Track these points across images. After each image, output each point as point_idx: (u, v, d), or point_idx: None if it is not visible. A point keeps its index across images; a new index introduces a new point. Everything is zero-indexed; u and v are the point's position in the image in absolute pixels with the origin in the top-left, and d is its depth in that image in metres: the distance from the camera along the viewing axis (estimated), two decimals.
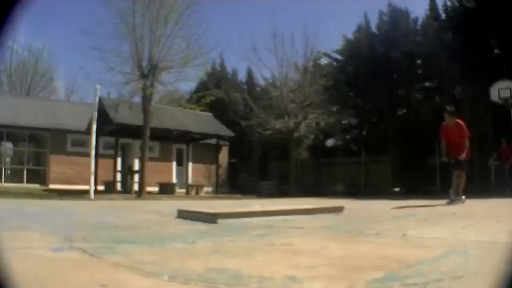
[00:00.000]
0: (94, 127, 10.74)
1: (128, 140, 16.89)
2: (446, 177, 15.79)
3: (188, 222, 4.02)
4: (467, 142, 6.60)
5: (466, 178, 6.78)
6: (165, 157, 20.33)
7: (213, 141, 18.33)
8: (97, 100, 11.32)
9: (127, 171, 15.79)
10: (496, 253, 2.04)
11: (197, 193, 15.34)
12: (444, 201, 6.64)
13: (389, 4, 19.61)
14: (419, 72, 19.14)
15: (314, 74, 17.77)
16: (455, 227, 3.36)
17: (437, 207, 6.26)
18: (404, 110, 19.74)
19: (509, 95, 12.40)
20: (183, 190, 15.99)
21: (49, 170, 18.18)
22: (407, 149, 18.37)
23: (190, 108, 13.37)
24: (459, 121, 6.75)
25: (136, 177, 13.82)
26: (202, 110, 14.11)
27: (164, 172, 19.54)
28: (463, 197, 6.74)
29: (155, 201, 10.33)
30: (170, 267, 1.75)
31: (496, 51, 15.44)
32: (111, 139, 15.37)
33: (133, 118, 13.17)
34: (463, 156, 6.47)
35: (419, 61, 18.93)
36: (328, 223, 3.92)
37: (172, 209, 5.29)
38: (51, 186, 17.29)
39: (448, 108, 6.98)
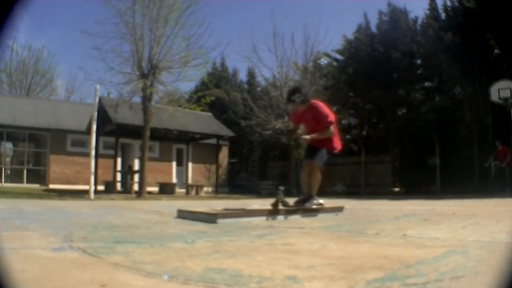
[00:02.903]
0: (94, 127, 10.73)
1: (128, 140, 16.90)
2: (446, 176, 15.94)
3: (188, 222, 4.02)
4: (329, 129, 4.70)
5: (322, 178, 4.84)
6: (165, 157, 20.34)
7: (213, 141, 18.34)
8: (97, 100, 11.32)
9: (127, 171, 15.80)
10: (496, 253, 2.05)
11: (197, 193, 15.34)
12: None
13: (389, 4, 19.65)
14: (419, 72, 19.15)
15: (314, 74, 17.78)
16: (455, 227, 3.36)
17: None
18: (404, 110, 19.76)
19: (509, 95, 12.41)
20: (183, 190, 16.00)
21: (49, 170, 18.18)
22: (407, 149, 18.40)
23: (190, 108, 13.36)
24: (315, 102, 4.86)
25: (136, 177, 13.83)
26: (202, 110, 14.11)
27: (164, 172, 19.56)
28: (321, 201, 4.95)
29: (155, 201, 10.33)
30: (170, 267, 1.75)
31: (496, 51, 15.45)
32: (111, 139, 15.38)
33: (133, 118, 13.17)
34: (305, 137, 4.67)
35: (419, 61, 18.94)
36: (328, 223, 3.92)
37: (172, 209, 5.30)
38: (51, 186, 17.31)
39: (289, 92, 5.20)
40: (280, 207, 4.37)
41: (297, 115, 4.96)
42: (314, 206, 4.77)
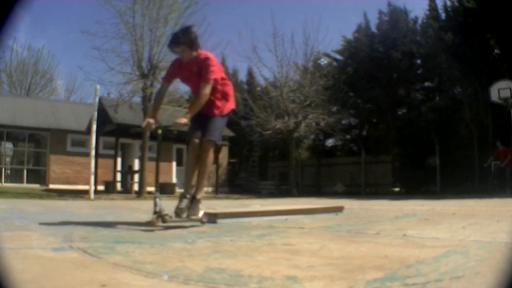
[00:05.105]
0: (94, 127, 10.74)
1: (128, 140, 16.90)
2: (446, 176, 15.95)
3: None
4: (204, 90, 3.37)
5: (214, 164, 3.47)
6: (165, 157, 20.33)
7: None
8: (97, 100, 11.33)
9: (127, 171, 15.80)
10: (496, 253, 2.05)
11: None
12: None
13: (389, 4, 19.67)
14: (419, 72, 19.17)
15: (314, 74, 17.78)
16: (455, 227, 3.36)
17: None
18: (404, 110, 19.77)
19: (509, 95, 12.41)
20: (183, 190, 15.97)
21: (49, 170, 18.18)
22: (407, 149, 18.40)
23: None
24: (207, 54, 3.57)
25: (136, 177, 13.83)
26: None
27: (164, 172, 19.53)
28: (201, 212, 3.58)
29: None
30: (170, 267, 1.75)
31: (496, 51, 15.46)
32: (111, 139, 15.38)
33: (133, 118, 13.18)
34: (179, 121, 3.30)
35: (419, 61, 18.96)
36: (328, 223, 3.92)
37: (172, 209, 5.29)
38: (51, 186, 17.30)
39: (180, 32, 3.52)
40: (160, 223, 3.36)
41: (177, 66, 3.63)
42: (201, 214, 3.55)
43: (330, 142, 22.78)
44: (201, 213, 3.56)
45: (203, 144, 3.44)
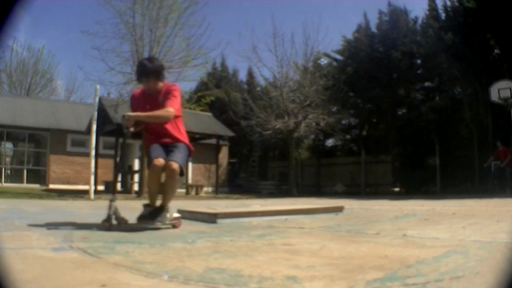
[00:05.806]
0: (94, 127, 10.73)
1: (128, 140, 16.87)
2: (446, 176, 15.96)
3: (188, 222, 4.02)
4: (170, 111, 3.35)
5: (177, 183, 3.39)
6: None
7: (213, 141, 18.32)
8: (97, 100, 11.31)
9: (127, 171, 15.79)
10: (496, 253, 2.05)
11: (197, 193, 15.33)
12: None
13: (389, 4, 19.68)
14: (419, 72, 19.17)
15: (314, 74, 17.78)
16: (455, 227, 3.36)
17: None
18: (404, 110, 19.78)
19: (509, 95, 12.41)
20: (183, 190, 15.99)
21: (49, 170, 18.18)
22: (407, 149, 18.41)
23: (190, 108, 13.34)
24: (174, 85, 3.58)
25: (136, 177, 13.83)
26: (202, 110, 14.09)
27: None
28: (175, 214, 3.59)
29: None
30: (170, 267, 1.75)
31: (496, 51, 15.46)
32: (111, 139, 15.38)
33: None
34: (133, 114, 3.35)
35: (419, 61, 18.97)
36: (328, 223, 3.92)
37: (172, 209, 5.29)
38: (51, 186, 17.31)
39: (155, 67, 3.44)
40: (114, 222, 3.26)
41: (141, 99, 3.53)
42: (168, 222, 3.44)
43: (330, 142, 22.80)
44: (174, 215, 3.53)
45: (172, 167, 3.22)
